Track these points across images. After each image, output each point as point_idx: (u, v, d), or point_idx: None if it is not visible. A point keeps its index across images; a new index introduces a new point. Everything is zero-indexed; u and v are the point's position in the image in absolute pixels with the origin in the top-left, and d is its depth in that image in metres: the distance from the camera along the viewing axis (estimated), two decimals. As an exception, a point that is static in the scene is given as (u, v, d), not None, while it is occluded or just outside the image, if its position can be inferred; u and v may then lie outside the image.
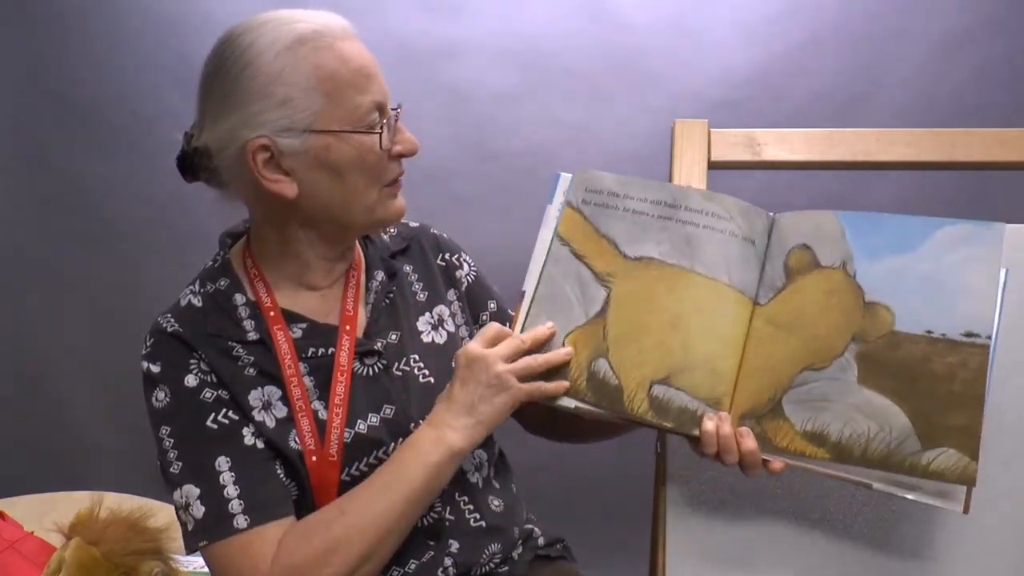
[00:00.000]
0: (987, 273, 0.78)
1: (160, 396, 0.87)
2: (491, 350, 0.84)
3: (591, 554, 1.35)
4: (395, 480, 0.84)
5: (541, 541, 1.06)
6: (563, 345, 0.85)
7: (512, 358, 0.84)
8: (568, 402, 0.85)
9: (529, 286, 0.89)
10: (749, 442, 0.80)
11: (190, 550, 0.86)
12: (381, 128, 0.85)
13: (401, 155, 0.90)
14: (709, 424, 0.81)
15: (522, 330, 0.87)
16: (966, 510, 0.76)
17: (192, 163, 0.89)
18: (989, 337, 0.76)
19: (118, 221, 2.39)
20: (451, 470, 0.86)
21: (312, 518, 0.85)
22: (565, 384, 0.84)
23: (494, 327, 0.87)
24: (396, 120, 0.88)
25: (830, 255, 0.83)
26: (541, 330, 0.86)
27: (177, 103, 2.30)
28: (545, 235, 0.90)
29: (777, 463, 0.81)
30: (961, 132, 1.02)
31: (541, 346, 0.86)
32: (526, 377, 0.84)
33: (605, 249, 0.88)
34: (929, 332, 0.78)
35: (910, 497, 0.78)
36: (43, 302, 2.40)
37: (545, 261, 0.89)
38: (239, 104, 0.83)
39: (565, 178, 0.91)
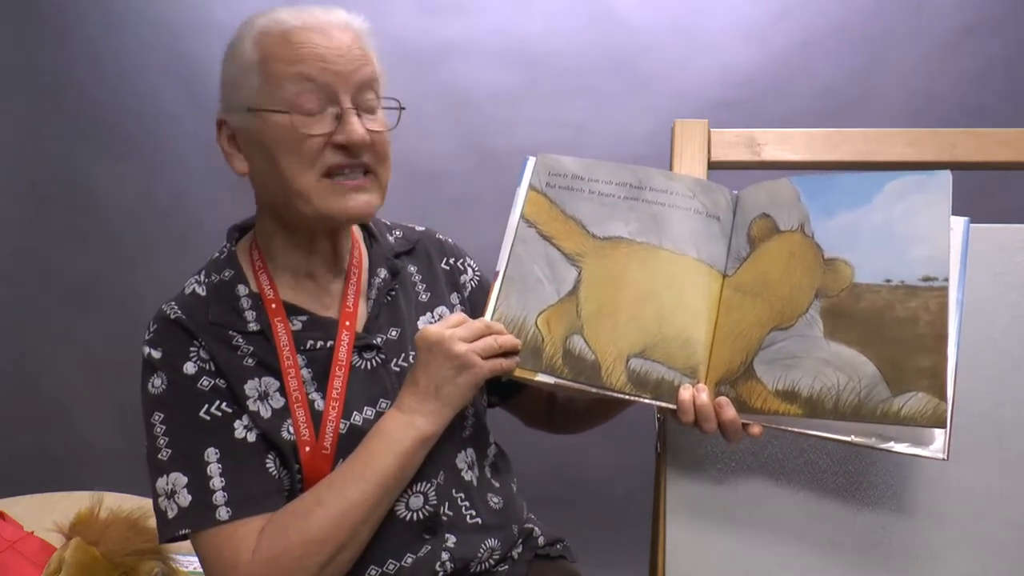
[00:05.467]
0: (937, 218, 0.80)
1: (156, 383, 0.87)
2: (449, 331, 0.86)
3: (591, 554, 1.35)
4: (368, 469, 0.85)
5: (541, 541, 1.07)
6: (535, 324, 0.88)
7: (471, 339, 0.86)
8: (547, 378, 0.87)
9: (501, 267, 0.91)
10: (729, 412, 0.82)
11: (166, 538, 0.86)
12: (305, 112, 0.85)
13: (340, 145, 0.87)
14: (685, 394, 0.83)
15: (494, 308, 0.89)
16: (947, 456, 0.76)
17: None
18: (946, 280, 0.77)
19: (118, 221, 2.39)
20: (422, 455, 0.88)
21: (289, 508, 0.86)
22: (517, 359, 0.87)
23: (458, 315, 0.89)
24: (357, 114, 0.86)
25: (787, 219, 0.86)
26: (507, 337, 0.87)
27: (177, 103, 2.31)
28: (513, 217, 0.93)
29: (756, 427, 0.82)
30: (961, 132, 1.03)
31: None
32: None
33: (573, 230, 0.91)
34: (888, 280, 0.79)
35: (894, 449, 0.77)
36: (43, 302, 2.40)
37: (513, 242, 0.92)
38: (221, 84, 0.91)
39: (532, 162, 0.94)
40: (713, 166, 1.05)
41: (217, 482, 0.85)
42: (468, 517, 0.96)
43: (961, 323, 0.78)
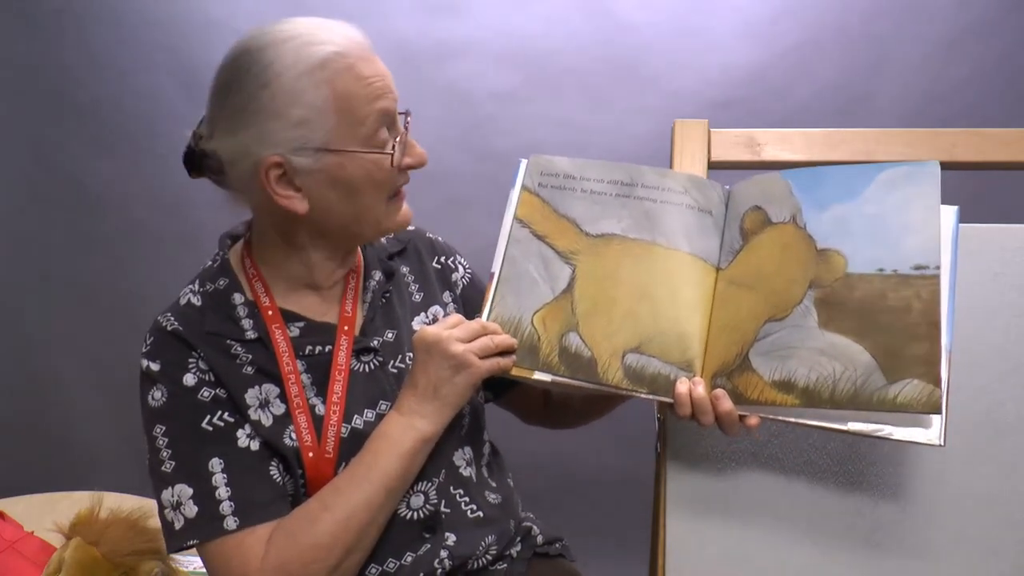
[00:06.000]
0: (927, 208, 0.81)
1: (157, 395, 0.87)
2: (447, 331, 0.86)
3: (590, 554, 1.35)
4: (372, 471, 0.85)
5: (540, 539, 1.07)
6: (531, 323, 0.89)
7: (468, 339, 0.86)
8: (544, 376, 0.87)
9: (496, 268, 0.92)
10: (725, 403, 0.82)
11: (174, 549, 0.86)
12: (394, 147, 0.86)
13: (410, 167, 0.90)
14: (682, 387, 0.83)
15: (490, 310, 0.90)
16: (943, 442, 0.76)
17: (198, 162, 0.90)
18: (937, 268, 0.78)
19: (118, 221, 2.39)
20: (424, 455, 0.88)
21: (296, 514, 0.86)
22: (514, 358, 0.88)
23: (455, 316, 0.90)
24: (407, 131, 0.89)
25: (780, 212, 0.86)
26: (504, 337, 0.88)
27: (177, 103, 2.31)
28: (507, 219, 0.94)
29: (753, 418, 0.82)
30: (961, 132, 1.03)
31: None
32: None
33: (566, 228, 0.92)
34: (881, 270, 0.80)
35: (891, 436, 0.77)
36: (43, 302, 2.40)
37: (507, 243, 0.93)
38: (255, 121, 0.83)
39: (524, 163, 0.96)
40: (713, 166, 1.05)
41: (223, 492, 0.85)
42: (468, 512, 0.96)
43: (953, 310, 0.79)
